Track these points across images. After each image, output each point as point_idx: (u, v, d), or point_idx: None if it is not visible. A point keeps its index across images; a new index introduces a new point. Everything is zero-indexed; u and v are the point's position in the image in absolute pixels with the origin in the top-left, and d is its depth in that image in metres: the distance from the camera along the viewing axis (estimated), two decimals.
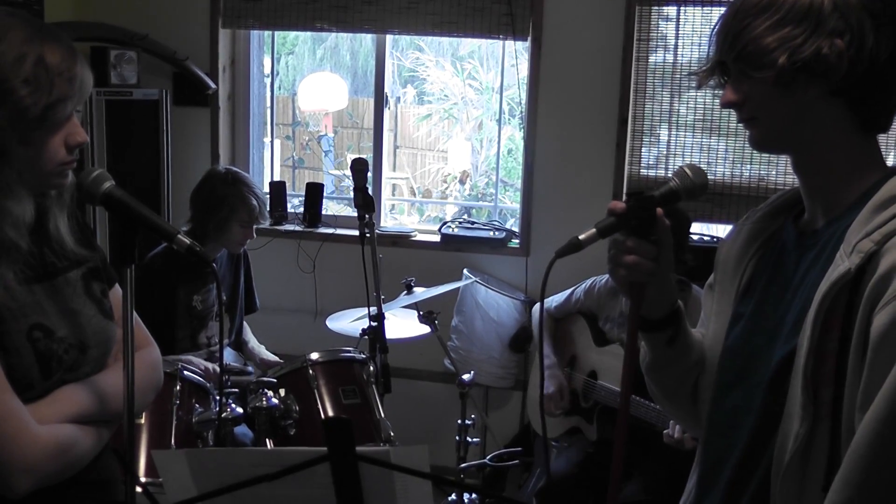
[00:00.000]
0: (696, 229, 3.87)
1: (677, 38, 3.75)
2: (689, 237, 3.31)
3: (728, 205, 3.75)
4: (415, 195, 7.48)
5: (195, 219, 3.17)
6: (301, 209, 4.31)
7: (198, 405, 2.58)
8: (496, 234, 4.08)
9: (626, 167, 3.86)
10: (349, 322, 3.25)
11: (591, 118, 3.86)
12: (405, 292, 3.27)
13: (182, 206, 3.45)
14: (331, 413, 2.67)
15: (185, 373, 2.60)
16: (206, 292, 3.20)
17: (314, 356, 2.78)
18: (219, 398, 2.61)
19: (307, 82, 6.67)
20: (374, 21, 4.02)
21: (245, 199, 3.14)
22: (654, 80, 3.79)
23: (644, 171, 3.88)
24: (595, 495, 3.06)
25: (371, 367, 2.82)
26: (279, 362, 3.48)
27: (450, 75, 7.42)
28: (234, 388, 2.80)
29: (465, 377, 3.16)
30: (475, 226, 4.19)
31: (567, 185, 3.92)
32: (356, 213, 2.88)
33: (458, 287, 3.70)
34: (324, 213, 4.30)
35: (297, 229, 4.21)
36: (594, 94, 3.84)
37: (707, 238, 3.82)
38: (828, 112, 1.19)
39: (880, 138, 1.25)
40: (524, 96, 3.94)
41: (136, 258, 1.44)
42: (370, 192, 2.91)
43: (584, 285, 3.31)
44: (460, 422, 3.18)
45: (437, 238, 4.15)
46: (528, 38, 3.87)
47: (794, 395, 1.15)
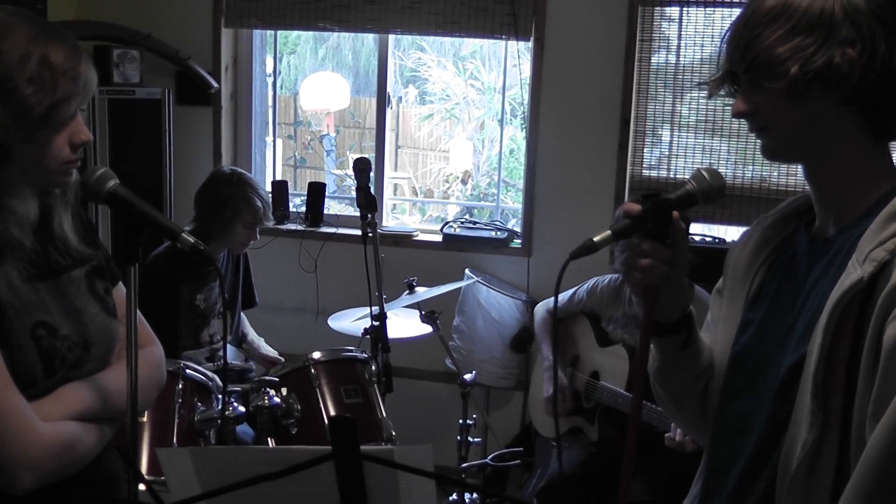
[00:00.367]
0: (697, 230, 3.87)
1: (680, 38, 3.75)
2: (689, 238, 3.30)
3: (729, 206, 3.75)
4: (416, 195, 7.48)
5: (199, 219, 3.18)
6: (303, 208, 4.31)
7: (200, 404, 2.58)
8: (498, 234, 4.07)
9: (628, 168, 3.86)
10: (351, 321, 3.25)
11: (593, 118, 3.85)
12: (407, 292, 3.28)
13: (184, 204, 3.45)
14: (332, 412, 2.67)
15: (188, 371, 2.60)
16: (208, 291, 3.20)
17: (316, 355, 2.78)
18: (222, 397, 2.61)
19: (309, 82, 6.67)
20: (377, 21, 4.02)
21: (249, 200, 3.15)
22: (657, 80, 3.79)
23: (646, 172, 3.87)
24: (596, 495, 3.06)
25: (373, 367, 2.82)
26: (278, 358, 3.49)
27: (452, 75, 7.42)
28: (236, 388, 2.81)
29: (467, 377, 3.16)
30: (477, 226, 4.19)
31: (569, 186, 3.92)
32: (358, 213, 2.88)
33: (460, 287, 3.70)
34: (326, 212, 4.30)
35: (299, 229, 4.21)
36: (596, 94, 3.84)
37: (708, 239, 3.82)
38: (840, 121, 1.18)
39: (892, 146, 1.24)
40: (526, 96, 3.94)
41: (140, 257, 1.44)
42: (372, 192, 2.91)
43: (586, 285, 3.31)
44: (461, 421, 3.18)
45: (438, 238, 4.15)
46: (531, 39, 3.87)
47: (803, 401, 1.14)
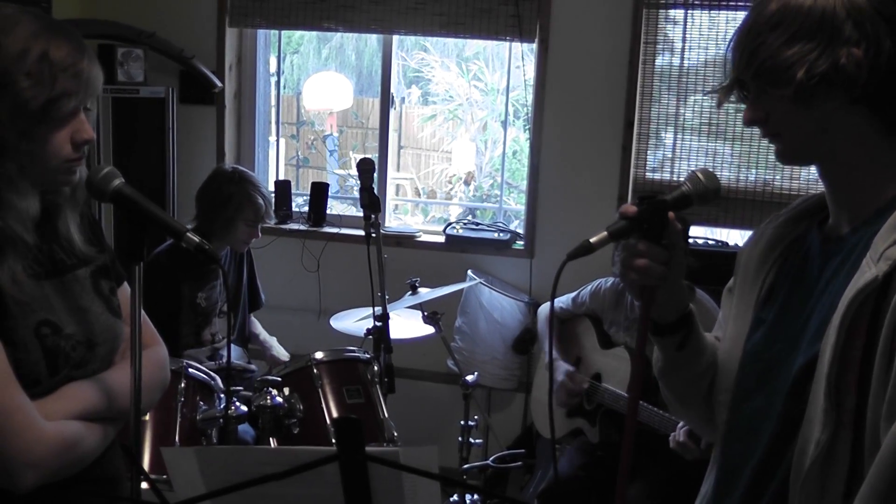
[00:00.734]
0: (700, 233, 3.87)
1: (684, 41, 3.75)
2: (689, 240, 3.30)
3: (733, 209, 3.74)
4: (419, 196, 7.48)
5: (201, 217, 3.18)
6: (306, 208, 4.31)
7: (202, 403, 2.58)
8: (500, 235, 4.07)
9: (632, 170, 3.86)
10: (353, 322, 3.25)
11: (596, 121, 3.85)
12: (409, 292, 3.28)
13: (187, 203, 3.45)
14: (335, 412, 2.67)
15: (190, 370, 2.60)
16: (210, 289, 3.21)
17: (318, 355, 2.78)
18: (225, 395, 2.61)
19: (312, 82, 6.66)
20: (381, 21, 4.02)
21: (251, 198, 3.15)
22: (661, 83, 3.79)
23: (649, 175, 3.87)
24: (597, 497, 3.05)
25: (375, 367, 2.82)
26: (286, 361, 3.48)
27: (455, 76, 7.41)
28: (239, 387, 2.80)
29: (469, 378, 3.16)
30: (480, 227, 4.18)
31: (572, 188, 3.92)
32: (361, 213, 2.88)
33: (463, 288, 3.70)
34: (328, 212, 4.30)
35: (302, 228, 4.21)
36: (600, 96, 3.84)
37: (711, 242, 3.81)
38: (851, 120, 1.18)
39: None
40: (530, 98, 3.94)
41: (145, 256, 1.44)
42: (376, 192, 2.91)
43: (589, 287, 3.31)
44: (463, 423, 3.18)
45: (441, 239, 4.15)
46: (535, 40, 3.87)
47: (816, 401, 1.14)
